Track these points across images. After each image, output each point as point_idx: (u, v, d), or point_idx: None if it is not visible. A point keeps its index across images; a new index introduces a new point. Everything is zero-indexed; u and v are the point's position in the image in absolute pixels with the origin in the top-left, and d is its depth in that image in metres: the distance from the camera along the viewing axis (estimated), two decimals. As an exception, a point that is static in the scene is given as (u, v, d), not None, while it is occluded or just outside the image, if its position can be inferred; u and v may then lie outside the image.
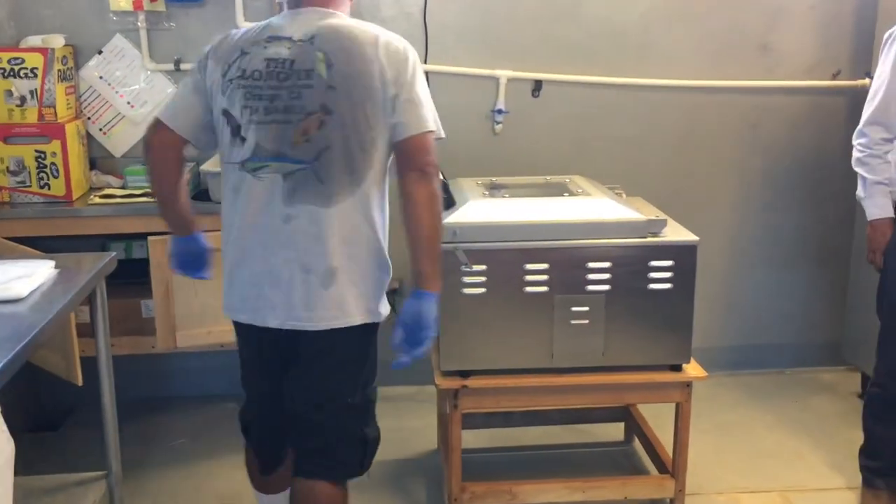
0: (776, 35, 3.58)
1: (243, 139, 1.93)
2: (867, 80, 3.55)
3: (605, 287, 2.50)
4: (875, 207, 2.57)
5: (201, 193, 3.17)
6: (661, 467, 2.83)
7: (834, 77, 3.63)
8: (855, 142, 2.61)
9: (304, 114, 1.90)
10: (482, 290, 2.49)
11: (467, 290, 2.48)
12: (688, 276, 2.52)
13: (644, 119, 3.60)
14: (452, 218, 2.48)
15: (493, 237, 2.47)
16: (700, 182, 3.68)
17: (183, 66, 3.34)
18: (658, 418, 3.04)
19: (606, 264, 2.49)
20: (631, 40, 3.53)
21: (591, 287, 2.50)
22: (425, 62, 3.47)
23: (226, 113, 1.95)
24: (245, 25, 3.34)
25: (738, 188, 3.72)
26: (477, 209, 2.52)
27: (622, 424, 3.26)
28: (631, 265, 2.50)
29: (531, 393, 2.58)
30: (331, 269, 1.96)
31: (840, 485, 2.95)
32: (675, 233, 2.56)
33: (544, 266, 2.48)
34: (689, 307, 2.54)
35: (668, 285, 2.51)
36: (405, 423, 3.44)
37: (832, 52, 3.61)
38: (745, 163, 3.69)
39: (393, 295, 3.66)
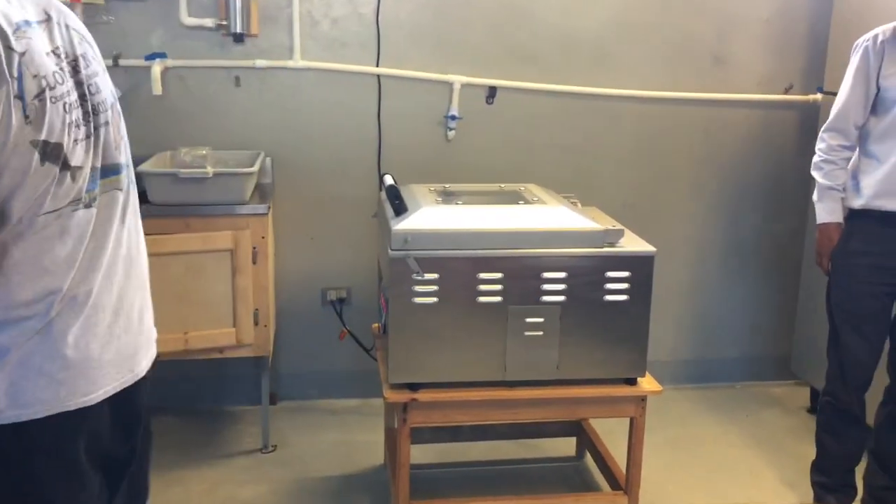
0: (730, 47, 3.58)
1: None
2: (819, 95, 3.58)
3: (560, 298, 2.42)
4: (824, 212, 2.59)
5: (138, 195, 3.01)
6: (614, 483, 2.76)
7: (786, 91, 3.63)
8: (816, 147, 2.63)
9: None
10: (434, 299, 2.39)
11: (418, 300, 2.38)
12: (644, 287, 2.45)
13: (598, 128, 3.56)
14: (404, 224, 2.38)
15: (446, 245, 2.37)
16: (653, 193, 3.65)
17: (122, 63, 3.19)
18: (611, 433, 2.98)
19: (562, 274, 2.41)
20: (586, 49, 3.49)
21: (545, 298, 2.42)
22: (377, 65, 3.37)
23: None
24: (190, 21, 3.21)
25: (690, 199, 3.69)
26: (429, 216, 2.43)
27: (574, 439, 3.19)
28: (587, 276, 2.42)
29: (483, 407, 2.49)
30: None
31: (792, 501, 2.93)
32: (632, 243, 2.50)
33: (498, 276, 2.39)
34: (645, 319, 2.48)
35: (624, 297, 2.44)
36: (351, 437, 3.33)
37: (785, 66, 3.62)
38: (697, 174, 3.67)
39: (340, 304, 3.56)
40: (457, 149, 3.49)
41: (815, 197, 2.65)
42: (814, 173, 2.63)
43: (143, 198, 2.95)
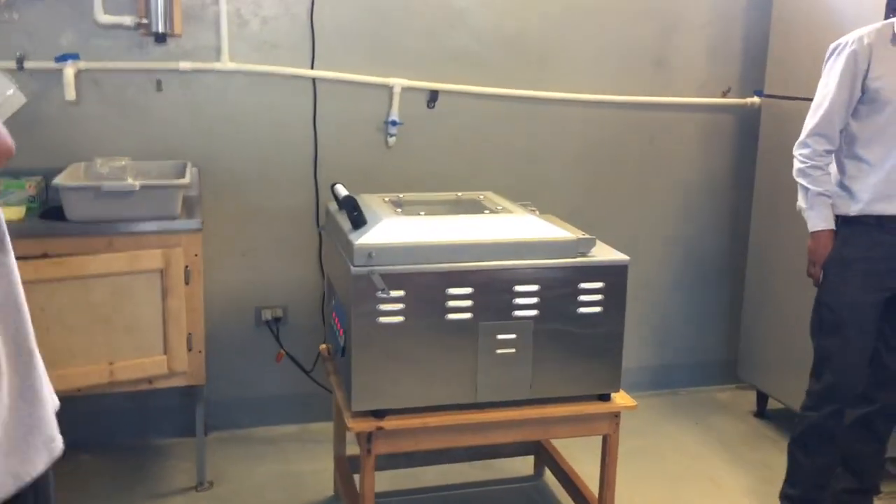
0: (670, 51, 3.54)
1: None
2: (756, 99, 3.58)
3: (533, 312, 2.28)
4: (818, 219, 2.50)
5: (52, 211, 2.71)
6: (582, 502, 2.64)
7: (724, 95, 3.62)
8: (797, 152, 2.54)
9: None
10: (400, 318, 2.20)
11: (384, 319, 2.19)
12: (618, 297, 2.34)
13: (543, 133, 3.45)
14: (366, 238, 2.19)
15: (412, 259, 2.19)
16: (600, 198, 3.57)
17: (28, 65, 2.86)
18: (567, 449, 2.87)
19: (535, 287, 2.27)
20: (528, 52, 3.38)
21: (518, 312, 2.27)
22: (312, 67, 3.16)
23: None
24: (105, 18, 2.92)
25: (635, 204, 3.63)
26: (391, 229, 2.24)
27: (531, 458, 3.06)
28: (560, 288, 2.29)
29: (453, 432, 2.31)
30: None
31: (756, 510, 2.88)
32: (604, 252, 2.39)
33: (468, 290, 2.23)
34: (620, 331, 2.37)
35: (598, 308, 2.32)
36: (293, 468, 3.09)
37: (723, 70, 3.61)
38: (642, 178, 3.62)
39: (276, 323, 3.32)
40: (398, 155, 3.31)
41: (803, 204, 2.54)
42: (801, 180, 2.53)
43: (58, 214, 2.65)
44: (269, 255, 3.28)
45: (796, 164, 2.53)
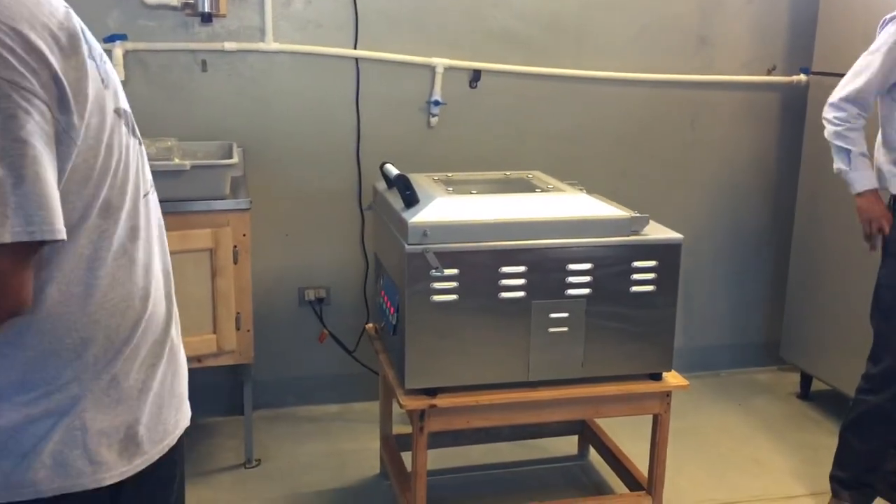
0: (713, 29, 3.50)
1: None
2: (803, 77, 3.53)
3: (586, 291, 2.27)
4: (863, 179, 2.48)
5: None
6: (631, 482, 2.64)
7: (769, 72, 3.57)
8: (830, 115, 2.50)
9: None
10: (454, 296, 2.20)
11: (437, 298, 2.19)
12: (671, 276, 2.33)
13: (585, 112, 3.43)
14: (420, 217, 2.18)
15: (466, 237, 2.19)
16: (640, 177, 3.54)
17: None
18: (610, 429, 2.87)
19: (588, 266, 2.26)
20: (569, 31, 3.35)
21: (570, 291, 2.27)
22: (355, 47, 3.15)
23: None
24: (152, 0, 2.92)
25: (678, 183, 3.60)
26: (445, 207, 2.24)
27: (575, 437, 3.06)
28: (613, 266, 2.28)
29: (506, 410, 2.32)
30: None
31: (803, 492, 2.86)
32: (657, 231, 2.37)
33: (522, 269, 2.22)
34: (672, 310, 2.35)
35: (651, 287, 2.31)
36: (338, 447, 3.12)
37: (768, 47, 3.56)
38: (684, 157, 3.59)
39: (320, 304, 3.33)
40: (441, 135, 3.30)
41: (843, 167, 2.50)
42: (839, 143, 2.49)
43: None
44: (312, 235, 3.29)
45: (831, 128, 2.49)
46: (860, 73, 2.46)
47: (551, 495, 2.73)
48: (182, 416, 1.24)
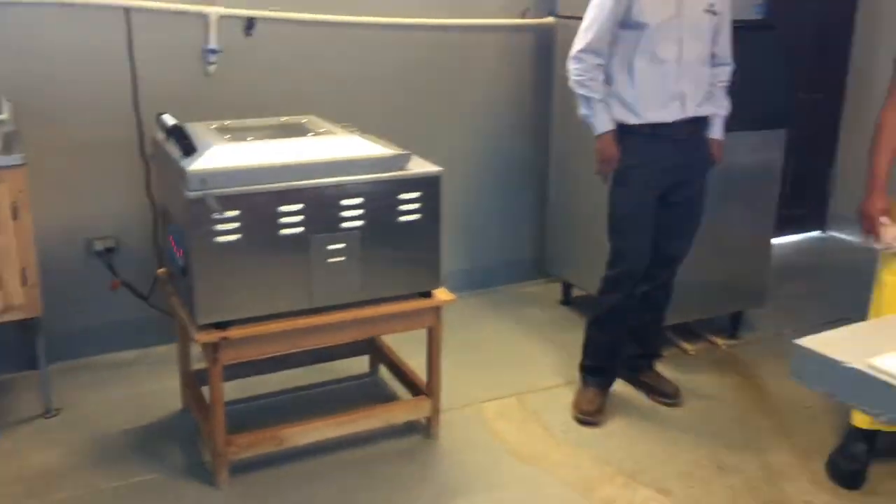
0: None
1: None
2: (551, 19, 3.93)
3: (359, 223, 2.53)
4: (602, 123, 2.84)
5: None
6: (415, 390, 2.98)
7: (523, 15, 3.94)
8: (571, 66, 2.85)
9: None
10: (236, 236, 2.39)
11: (220, 239, 2.37)
12: (434, 205, 2.63)
13: (361, 57, 3.64)
14: (199, 164, 2.34)
15: (244, 181, 2.37)
16: (416, 116, 3.82)
17: None
18: (399, 347, 3.18)
19: (359, 200, 2.52)
20: (339, -23, 3.53)
21: (345, 224, 2.52)
22: (124, -3, 3.17)
23: None
24: None
25: (450, 120, 3.92)
26: (222, 154, 2.40)
27: (366, 358, 3.36)
28: (382, 200, 2.55)
29: (293, 336, 2.56)
30: None
31: (560, 382, 3.33)
32: (419, 165, 2.65)
33: (298, 207, 2.44)
34: (437, 235, 2.67)
35: (417, 216, 2.61)
36: (139, 389, 3.24)
37: (521, -9, 3.91)
38: (455, 96, 3.91)
39: (109, 254, 3.38)
40: (219, 84, 3.40)
41: (585, 111, 2.86)
42: (580, 91, 2.84)
43: None
44: (97, 187, 3.32)
45: (574, 77, 2.85)
46: (590, 27, 2.82)
47: (347, 409, 3.01)
48: None
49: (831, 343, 1.72)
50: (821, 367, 1.68)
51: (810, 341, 1.72)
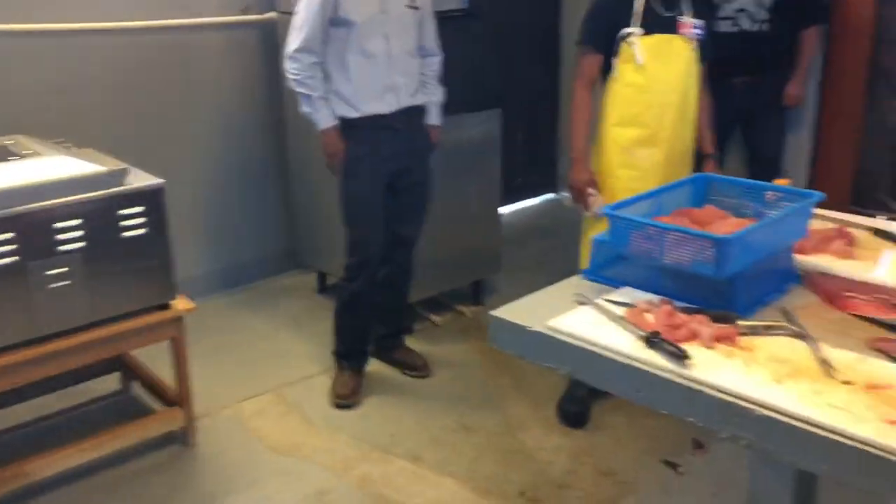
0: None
1: None
2: (273, 14, 3.97)
3: (80, 244, 2.48)
4: (324, 119, 2.96)
5: None
6: (168, 401, 2.97)
7: (244, 12, 3.94)
8: (288, 66, 2.93)
9: None
10: (-59, 274, 2.26)
11: (-77, 279, 2.24)
12: (159, 217, 2.62)
13: (70, 66, 3.49)
14: None
15: (-57, 215, 2.25)
16: (144, 124, 3.73)
17: None
18: (156, 358, 3.15)
19: (77, 221, 2.46)
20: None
21: (64, 247, 2.45)
22: None
23: None
24: None
25: (181, 124, 3.87)
26: (-87, 187, 2.25)
27: (118, 374, 3.28)
28: (101, 218, 2.51)
29: (19, 370, 2.46)
30: None
31: (318, 371, 3.45)
32: (139, 179, 2.63)
33: (11, 235, 2.35)
34: (166, 246, 2.66)
35: (142, 230, 2.59)
36: None
37: (238, -13, 3.91)
38: (184, 99, 3.86)
39: None
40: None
41: (307, 109, 2.95)
42: (301, 89, 2.92)
43: None
44: None
45: (292, 77, 2.93)
46: (302, 27, 2.91)
47: (96, 432, 2.94)
48: None
49: (520, 310, 1.96)
50: (511, 333, 1.92)
51: (503, 311, 1.95)
